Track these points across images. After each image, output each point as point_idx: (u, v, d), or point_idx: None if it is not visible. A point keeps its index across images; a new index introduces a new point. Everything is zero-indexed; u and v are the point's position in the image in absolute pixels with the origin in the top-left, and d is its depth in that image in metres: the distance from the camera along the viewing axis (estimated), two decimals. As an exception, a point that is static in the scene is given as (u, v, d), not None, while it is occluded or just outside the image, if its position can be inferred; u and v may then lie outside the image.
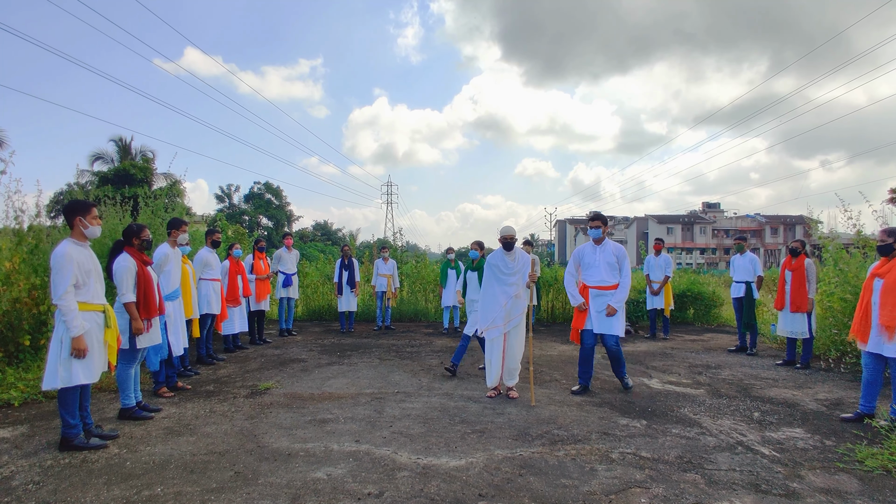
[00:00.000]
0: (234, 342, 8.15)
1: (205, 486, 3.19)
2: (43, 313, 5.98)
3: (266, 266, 8.85)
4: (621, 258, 5.49)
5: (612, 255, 5.50)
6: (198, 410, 4.85)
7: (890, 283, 4.36)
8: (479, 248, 7.21)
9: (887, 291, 4.36)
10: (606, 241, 5.57)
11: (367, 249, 15.26)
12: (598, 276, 5.51)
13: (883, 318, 4.37)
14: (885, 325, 4.34)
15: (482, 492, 3.14)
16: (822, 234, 8.08)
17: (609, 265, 5.48)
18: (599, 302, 5.47)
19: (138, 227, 4.59)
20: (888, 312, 4.33)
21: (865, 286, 4.64)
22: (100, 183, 27.14)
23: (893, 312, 4.29)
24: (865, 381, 4.64)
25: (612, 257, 5.49)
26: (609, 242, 5.57)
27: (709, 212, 75.68)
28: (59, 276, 3.64)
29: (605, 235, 5.61)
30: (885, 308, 4.36)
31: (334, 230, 66.64)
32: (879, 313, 4.41)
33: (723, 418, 4.69)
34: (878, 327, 4.43)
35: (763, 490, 3.19)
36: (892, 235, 4.56)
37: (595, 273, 5.53)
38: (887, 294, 4.36)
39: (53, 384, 3.69)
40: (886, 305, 4.36)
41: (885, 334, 4.38)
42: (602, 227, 5.57)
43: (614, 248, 5.54)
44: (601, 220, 5.59)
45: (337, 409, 4.87)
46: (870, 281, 4.60)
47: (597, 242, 5.58)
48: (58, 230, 7.45)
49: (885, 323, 4.35)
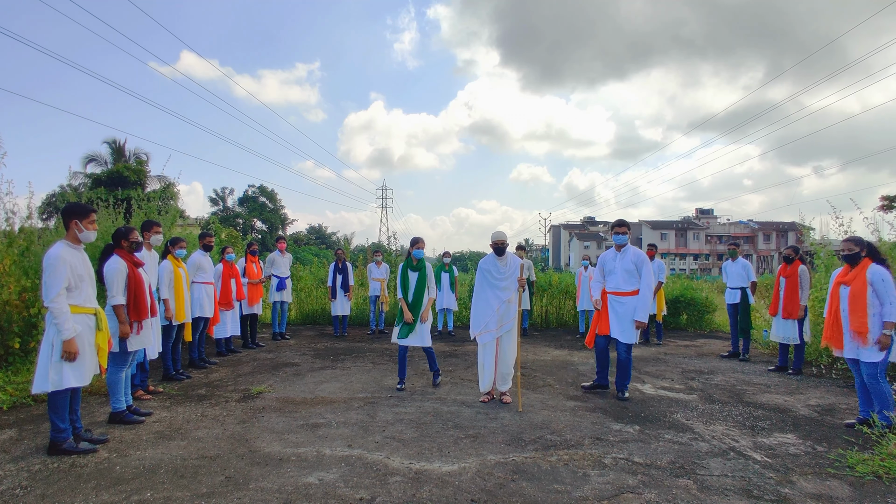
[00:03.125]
0: (227, 346, 8.10)
1: (195, 491, 3.16)
2: (33, 316, 5.93)
3: (258, 269, 8.82)
4: (640, 264, 5.51)
5: (631, 262, 5.52)
6: (189, 414, 4.81)
7: (856, 290, 4.50)
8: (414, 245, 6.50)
9: (855, 298, 4.50)
10: (627, 248, 5.63)
11: (361, 253, 15.25)
12: (614, 282, 5.59)
13: (853, 325, 4.49)
14: (856, 331, 4.47)
15: (475, 497, 3.13)
16: (814, 241, 8.15)
17: (627, 272, 5.52)
18: (615, 307, 5.55)
19: (127, 230, 4.59)
20: (857, 319, 4.46)
21: (832, 294, 4.78)
22: (93, 185, 26.98)
23: (863, 319, 4.42)
24: (858, 386, 4.72)
25: (630, 264, 5.52)
26: (630, 249, 5.62)
27: (702, 218, 76.16)
28: (52, 278, 3.61)
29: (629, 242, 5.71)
30: (855, 315, 4.49)
31: (329, 234, 66.56)
32: (850, 320, 4.53)
33: (715, 424, 4.70)
34: (851, 333, 4.54)
35: (755, 496, 3.20)
36: (858, 244, 4.69)
37: (612, 279, 5.62)
38: (855, 301, 4.50)
39: (44, 387, 3.66)
40: (855, 312, 4.48)
41: (859, 340, 4.49)
42: (628, 233, 5.66)
43: (633, 256, 5.56)
44: (627, 227, 5.68)
45: (329, 414, 4.85)
46: (836, 289, 4.75)
47: (618, 248, 5.66)
48: (49, 232, 7.41)
49: (855, 329, 4.47)
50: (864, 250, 4.66)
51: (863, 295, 4.46)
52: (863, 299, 4.45)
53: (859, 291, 4.48)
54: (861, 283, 4.50)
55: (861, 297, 4.47)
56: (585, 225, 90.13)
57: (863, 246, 4.69)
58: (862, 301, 4.45)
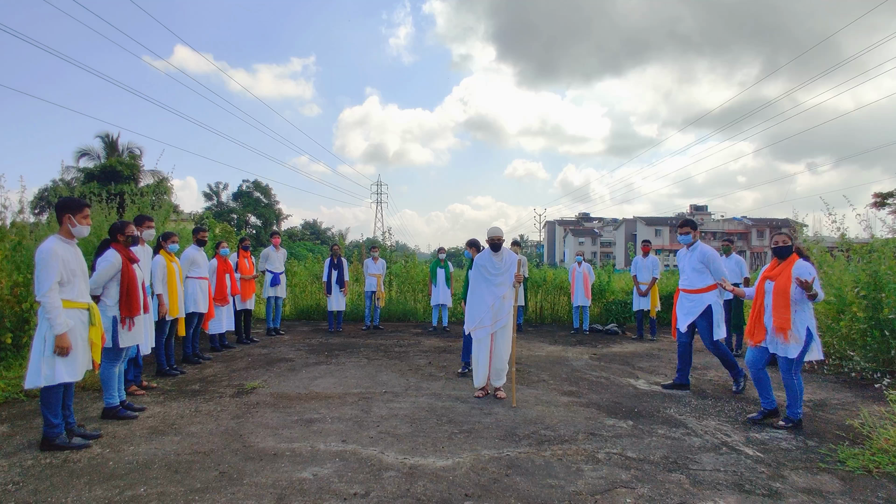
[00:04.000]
0: (221, 341, 8.09)
1: (189, 486, 3.16)
2: (25, 311, 5.89)
3: (251, 265, 8.79)
4: (707, 262, 5.59)
5: (699, 260, 5.63)
6: (183, 410, 4.80)
7: (781, 285, 4.41)
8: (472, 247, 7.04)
9: (778, 294, 4.41)
10: (696, 246, 5.75)
11: (356, 249, 15.22)
12: (684, 279, 5.79)
13: (776, 321, 4.40)
14: (779, 327, 4.38)
15: (469, 492, 3.14)
16: (807, 238, 8.19)
17: (694, 270, 5.65)
18: (685, 303, 5.75)
19: (122, 224, 4.57)
20: (781, 315, 4.37)
21: (758, 289, 4.66)
22: (86, 179, 26.77)
23: (786, 315, 4.35)
24: (755, 378, 4.69)
25: (697, 263, 5.63)
26: (699, 247, 5.72)
27: (696, 214, 76.34)
28: (44, 272, 3.59)
29: (696, 240, 5.78)
30: (777, 310, 4.40)
31: (323, 229, 66.29)
32: (773, 316, 4.43)
33: (708, 419, 4.73)
34: (773, 329, 4.45)
35: (747, 490, 3.22)
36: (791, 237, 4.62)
37: (683, 277, 5.82)
38: (778, 296, 4.40)
39: (36, 382, 3.64)
40: (778, 308, 4.40)
41: (781, 336, 4.40)
42: (691, 233, 5.76)
43: (701, 254, 5.65)
44: (690, 226, 5.80)
45: (324, 409, 4.85)
46: (761, 283, 4.63)
47: (687, 247, 5.82)
48: (41, 227, 7.35)
49: (778, 325, 4.39)
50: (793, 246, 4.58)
51: (787, 291, 4.36)
52: (787, 295, 4.36)
53: (784, 287, 4.38)
54: (786, 278, 4.39)
55: (786, 292, 4.37)
56: (580, 221, 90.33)
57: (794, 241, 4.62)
58: (786, 297, 4.36)
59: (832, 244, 7.85)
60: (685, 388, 5.83)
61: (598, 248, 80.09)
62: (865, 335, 6.41)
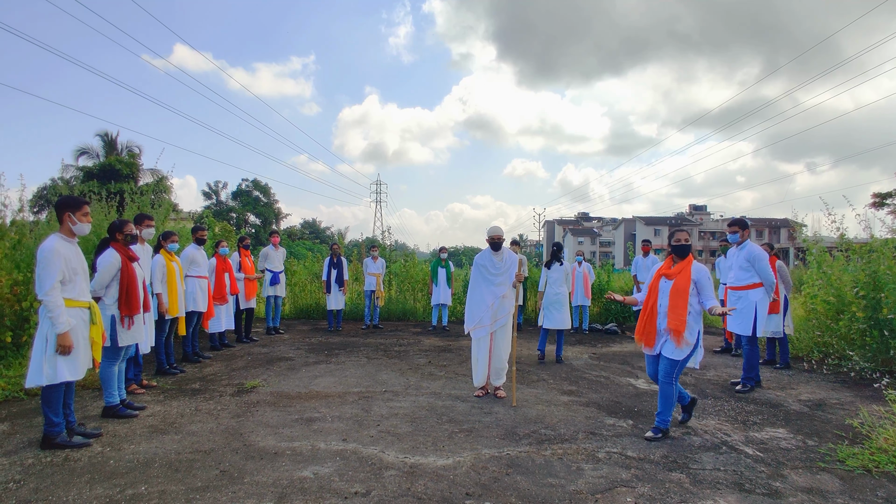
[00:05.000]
0: (221, 340, 8.09)
1: (190, 485, 3.16)
2: (25, 309, 5.89)
3: (252, 264, 8.79)
4: (753, 260, 5.79)
5: (745, 259, 5.84)
6: (183, 409, 4.80)
7: (680, 285, 4.19)
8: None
9: (677, 294, 4.19)
10: (745, 245, 5.93)
11: (355, 248, 15.22)
12: (731, 276, 6.03)
13: (671, 322, 4.16)
14: (673, 328, 4.15)
15: (469, 491, 3.14)
16: (806, 238, 8.19)
17: (741, 268, 5.89)
18: (732, 301, 5.98)
19: (121, 222, 4.58)
20: (677, 316, 4.14)
21: (651, 287, 4.41)
22: (85, 178, 26.72)
23: (682, 316, 4.13)
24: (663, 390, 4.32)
25: (744, 261, 5.85)
26: (747, 246, 5.91)
27: (695, 214, 76.50)
28: (46, 271, 3.59)
29: (745, 239, 5.97)
30: (675, 311, 4.17)
31: (323, 228, 66.32)
32: (668, 316, 4.20)
33: (708, 418, 4.74)
34: (667, 331, 4.21)
35: (746, 489, 3.23)
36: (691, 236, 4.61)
37: (730, 274, 6.06)
38: (677, 296, 4.19)
39: (38, 381, 3.64)
40: (676, 308, 4.17)
41: (674, 338, 4.16)
42: (739, 232, 5.95)
43: (748, 253, 5.85)
44: (738, 225, 5.98)
45: (324, 408, 4.85)
46: (655, 282, 4.39)
47: (736, 246, 6.01)
48: (41, 225, 7.34)
49: (672, 326, 4.15)
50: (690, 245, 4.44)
51: (686, 291, 4.16)
52: (685, 296, 4.15)
53: (683, 287, 4.17)
54: (686, 278, 4.18)
55: (684, 293, 4.16)
56: (579, 221, 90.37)
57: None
58: (684, 298, 4.15)
59: (831, 244, 7.85)
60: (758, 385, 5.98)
61: (598, 248, 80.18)
62: (865, 335, 6.42)
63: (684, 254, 4.35)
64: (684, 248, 4.35)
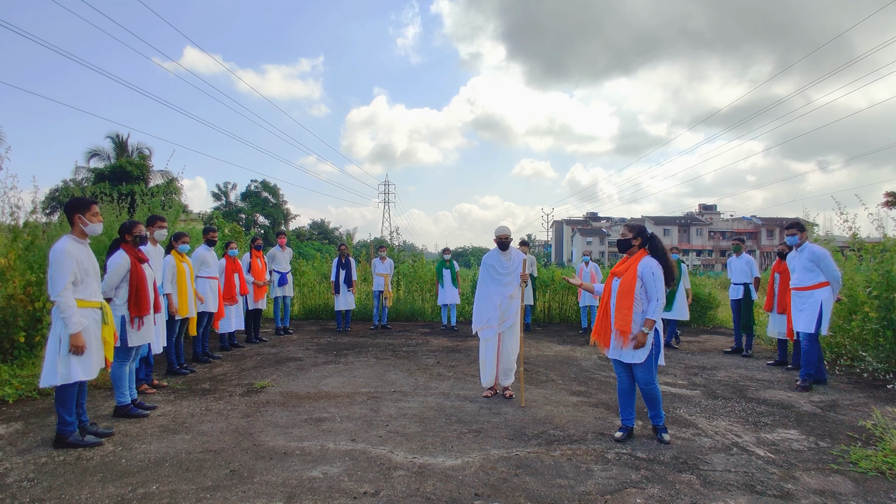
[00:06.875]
0: (230, 340, 8.14)
1: (200, 484, 3.18)
2: (38, 310, 5.95)
3: (263, 265, 8.84)
4: (817, 261, 5.85)
5: (808, 259, 5.90)
6: (193, 409, 4.84)
7: (625, 284, 4.00)
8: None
9: (622, 293, 4.00)
10: (805, 246, 6.01)
11: (363, 248, 15.25)
12: (795, 277, 6.08)
13: (617, 322, 4.00)
14: (619, 329, 3.99)
15: (478, 491, 3.14)
16: (818, 237, 8.11)
17: (804, 269, 5.94)
18: (797, 303, 6.03)
19: (131, 224, 4.63)
20: (622, 316, 3.97)
21: (606, 286, 4.22)
22: (96, 180, 27.00)
23: (627, 316, 3.94)
24: (619, 391, 4.25)
25: (807, 262, 5.91)
26: (807, 247, 5.98)
27: (705, 213, 75.97)
28: (58, 272, 3.63)
29: (804, 241, 6.05)
30: (620, 311, 3.98)
31: (331, 229, 66.49)
32: (615, 316, 4.04)
33: (718, 419, 4.70)
34: (614, 332, 4.07)
35: (758, 491, 3.20)
36: (633, 230, 4.15)
37: (794, 276, 6.11)
38: (622, 296, 3.99)
39: (52, 381, 3.68)
40: (621, 308, 3.98)
41: (621, 339, 4.03)
42: (798, 234, 6.05)
43: (811, 253, 5.91)
44: (796, 228, 6.08)
45: (333, 408, 4.87)
46: (610, 280, 4.19)
47: (795, 248, 6.11)
48: (53, 226, 7.42)
49: (618, 327, 3.99)
50: (639, 240, 4.11)
51: (631, 289, 3.95)
52: (631, 295, 3.95)
53: (628, 285, 3.97)
54: (631, 276, 3.98)
55: (629, 291, 3.95)
56: (588, 221, 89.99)
57: (643, 236, 4.13)
58: (629, 297, 3.94)
59: (844, 243, 7.77)
60: (823, 382, 6.07)
61: (606, 248, 79.79)
62: (878, 335, 6.34)
63: (625, 248, 4.16)
64: (623, 242, 4.16)
